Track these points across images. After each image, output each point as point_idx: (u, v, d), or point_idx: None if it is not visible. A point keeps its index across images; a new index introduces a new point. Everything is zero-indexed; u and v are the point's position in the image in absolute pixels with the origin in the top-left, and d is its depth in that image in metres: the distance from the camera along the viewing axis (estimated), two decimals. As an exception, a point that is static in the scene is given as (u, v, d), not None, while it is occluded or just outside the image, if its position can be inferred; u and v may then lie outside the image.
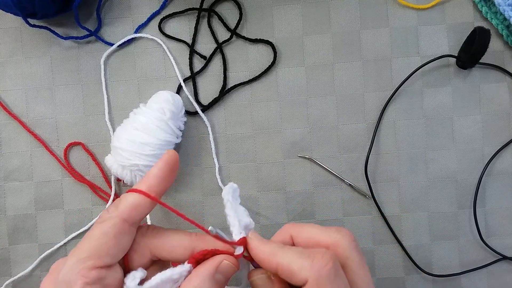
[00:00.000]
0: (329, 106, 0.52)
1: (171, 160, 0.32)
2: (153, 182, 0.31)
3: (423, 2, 0.51)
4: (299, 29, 0.52)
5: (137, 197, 0.30)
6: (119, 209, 0.30)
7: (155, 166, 0.32)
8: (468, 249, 0.51)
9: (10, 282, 0.51)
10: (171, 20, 0.52)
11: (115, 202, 0.31)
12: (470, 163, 0.51)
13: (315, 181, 0.52)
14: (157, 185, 0.31)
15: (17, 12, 0.46)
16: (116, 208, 0.30)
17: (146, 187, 0.31)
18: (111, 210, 0.30)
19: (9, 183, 0.52)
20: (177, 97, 0.48)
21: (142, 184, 0.31)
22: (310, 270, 0.27)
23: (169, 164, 0.32)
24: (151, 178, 0.31)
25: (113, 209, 0.30)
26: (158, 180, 0.31)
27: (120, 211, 0.30)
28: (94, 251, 0.28)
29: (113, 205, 0.30)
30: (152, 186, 0.31)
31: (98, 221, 0.30)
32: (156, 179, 0.31)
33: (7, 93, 0.52)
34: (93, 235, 0.29)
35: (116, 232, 0.29)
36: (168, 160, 0.32)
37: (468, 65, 0.50)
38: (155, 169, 0.31)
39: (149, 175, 0.31)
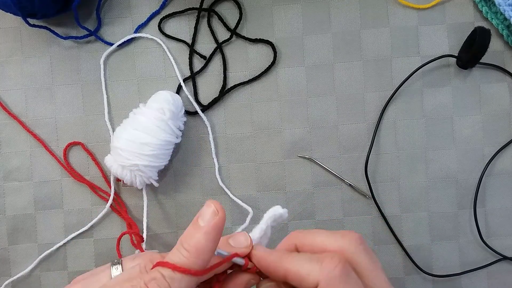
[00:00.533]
0: (329, 106, 0.52)
1: (221, 225, 0.28)
2: (203, 258, 0.27)
3: (424, 2, 0.51)
4: (299, 29, 0.52)
5: (190, 280, 0.27)
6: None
7: (205, 237, 0.27)
8: (468, 249, 0.51)
9: (9, 282, 0.51)
10: (171, 20, 0.52)
11: (157, 279, 0.26)
12: (470, 163, 0.51)
13: (315, 181, 0.52)
14: (207, 260, 0.27)
15: (16, 12, 0.46)
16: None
17: (198, 267, 0.27)
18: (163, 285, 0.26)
19: (9, 183, 0.52)
20: (177, 97, 0.48)
21: (191, 260, 0.27)
22: (320, 273, 0.26)
23: (218, 230, 0.27)
24: (200, 254, 0.27)
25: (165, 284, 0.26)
26: (209, 255, 0.27)
27: None
28: None
29: (159, 283, 0.26)
30: (201, 261, 0.27)
31: None
32: (207, 254, 0.27)
33: (7, 93, 0.52)
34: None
35: None
36: (218, 226, 0.27)
37: (468, 65, 0.50)
38: (205, 242, 0.27)
39: (198, 249, 0.27)
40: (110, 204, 0.50)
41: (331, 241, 0.29)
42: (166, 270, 0.27)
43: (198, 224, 0.27)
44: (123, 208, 0.51)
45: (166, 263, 0.27)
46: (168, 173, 0.51)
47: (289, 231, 0.51)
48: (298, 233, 0.31)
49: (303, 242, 0.30)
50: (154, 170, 0.47)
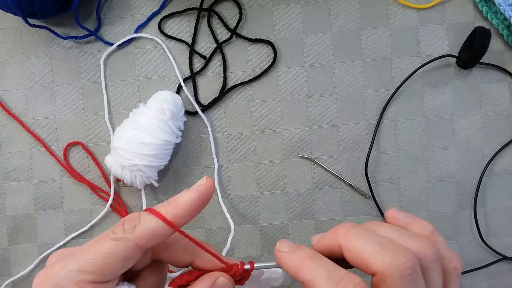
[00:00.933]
0: (329, 106, 0.52)
1: (206, 193, 0.29)
2: (180, 213, 0.28)
3: (424, 2, 0.51)
4: (299, 29, 0.52)
5: (159, 224, 0.28)
6: (136, 232, 0.28)
7: (188, 194, 0.29)
8: (468, 249, 0.51)
9: (9, 282, 0.51)
10: (171, 20, 0.52)
11: (133, 219, 0.28)
12: (470, 163, 0.51)
13: (315, 181, 0.52)
14: (182, 217, 0.28)
15: (17, 12, 0.46)
16: (133, 229, 0.28)
17: (172, 216, 0.28)
18: (127, 229, 0.28)
19: (9, 183, 0.52)
20: (177, 97, 0.48)
21: (168, 210, 0.28)
22: (390, 264, 0.25)
23: (203, 196, 0.29)
24: (179, 208, 0.28)
25: (129, 229, 0.28)
26: (187, 212, 0.28)
27: (137, 236, 0.28)
28: (97, 267, 0.27)
29: (129, 221, 0.28)
30: (178, 216, 0.28)
31: (110, 236, 0.28)
32: (184, 211, 0.28)
33: (7, 93, 0.52)
34: (101, 250, 0.27)
35: (126, 256, 0.28)
36: (203, 192, 0.29)
37: (468, 65, 0.50)
38: (187, 200, 0.29)
39: (178, 203, 0.29)
40: (110, 204, 0.50)
41: (377, 258, 0.26)
42: (144, 213, 0.29)
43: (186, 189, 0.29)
44: (123, 208, 0.51)
45: (147, 209, 0.29)
46: (168, 173, 0.51)
47: (289, 231, 0.51)
48: (345, 231, 0.28)
49: (347, 247, 0.28)
50: (154, 170, 0.47)
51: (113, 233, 0.28)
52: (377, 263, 0.26)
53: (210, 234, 0.51)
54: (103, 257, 0.27)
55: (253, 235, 0.51)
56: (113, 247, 0.27)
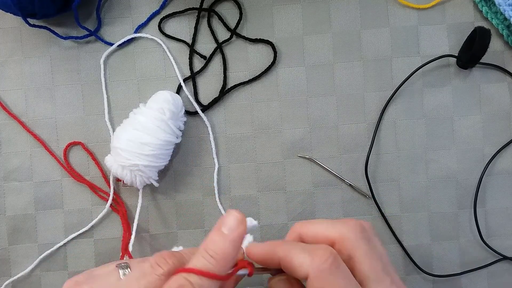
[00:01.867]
0: (329, 106, 0.52)
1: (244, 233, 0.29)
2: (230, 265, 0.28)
3: (424, 2, 0.51)
4: (299, 29, 0.52)
5: None
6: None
7: (232, 247, 0.28)
8: (468, 249, 0.51)
9: (9, 282, 0.51)
10: (171, 20, 0.52)
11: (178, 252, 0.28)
12: (470, 163, 0.51)
13: (315, 181, 0.52)
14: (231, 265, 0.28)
15: (16, 12, 0.46)
16: (183, 264, 0.27)
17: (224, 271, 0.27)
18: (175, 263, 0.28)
19: (9, 183, 0.52)
20: (177, 97, 0.48)
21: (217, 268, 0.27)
22: (311, 265, 0.28)
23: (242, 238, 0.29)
24: (229, 263, 0.28)
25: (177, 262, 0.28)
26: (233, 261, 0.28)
27: None
28: None
29: (176, 255, 0.28)
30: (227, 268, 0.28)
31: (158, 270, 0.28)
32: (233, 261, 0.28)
33: (7, 93, 0.52)
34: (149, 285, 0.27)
35: None
36: (242, 235, 0.29)
37: (468, 65, 0.50)
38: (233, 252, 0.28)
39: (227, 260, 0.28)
40: (110, 204, 0.50)
41: (331, 230, 0.30)
42: (193, 276, 0.26)
43: (222, 232, 0.28)
44: (123, 208, 0.51)
45: (192, 269, 0.27)
46: (168, 173, 0.51)
47: (289, 231, 0.51)
48: (301, 223, 0.32)
49: (306, 232, 0.32)
50: (154, 170, 0.47)
51: (159, 266, 0.28)
52: (332, 233, 0.30)
53: (210, 234, 0.51)
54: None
55: (253, 235, 0.51)
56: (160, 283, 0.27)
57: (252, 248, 0.31)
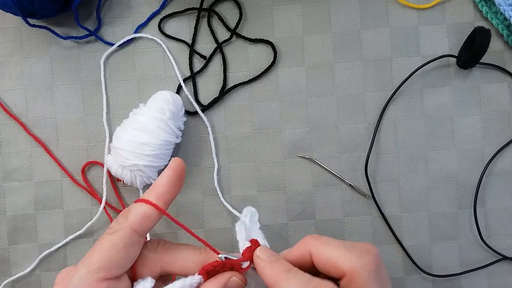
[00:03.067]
0: (329, 106, 0.52)
1: (178, 168, 0.32)
2: (161, 191, 0.31)
3: (424, 2, 0.51)
4: (299, 29, 0.52)
5: (146, 207, 0.30)
6: (128, 219, 0.30)
7: (163, 175, 0.31)
8: (468, 249, 0.51)
9: (8, 282, 0.51)
10: (171, 20, 0.52)
11: (123, 212, 0.30)
12: (470, 163, 0.51)
13: (315, 181, 0.52)
14: (165, 194, 0.31)
15: (16, 12, 0.46)
16: (126, 219, 0.30)
17: (155, 196, 0.31)
18: (120, 221, 0.30)
19: (9, 183, 0.52)
20: (177, 97, 0.48)
21: (151, 193, 0.31)
22: (357, 263, 0.28)
23: (176, 171, 0.32)
24: (159, 187, 0.31)
25: (122, 219, 0.30)
26: (167, 189, 0.31)
27: (130, 222, 0.30)
28: (104, 263, 0.28)
29: (122, 216, 0.30)
30: (160, 195, 0.31)
31: (107, 232, 0.30)
32: (165, 188, 0.31)
33: (7, 93, 0.52)
34: (103, 246, 0.29)
35: (126, 243, 0.29)
36: (175, 168, 0.32)
37: (468, 65, 0.50)
38: (163, 178, 0.31)
39: (157, 184, 0.31)
40: (104, 207, 0.50)
41: (345, 260, 0.29)
42: (133, 203, 0.31)
43: None
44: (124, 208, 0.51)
45: (136, 200, 0.31)
46: (168, 173, 0.51)
47: (289, 231, 0.51)
48: (313, 240, 0.31)
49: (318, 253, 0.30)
50: (154, 170, 0.47)
51: (110, 228, 0.30)
52: (345, 264, 0.28)
53: (210, 234, 0.51)
54: (106, 251, 0.29)
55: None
56: (112, 239, 0.29)
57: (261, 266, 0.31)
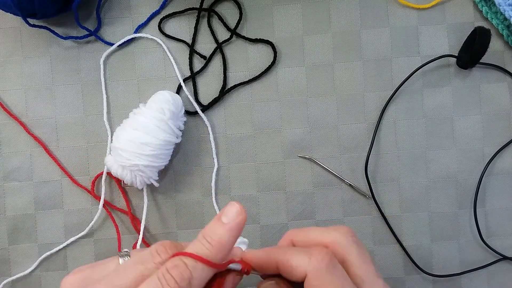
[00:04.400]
0: (329, 106, 0.52)
1: (243, 225, 0.29)
2: (224, 255, 0.28)
3: (424, 2, 0.51)
4: (299, 29, 0.52)
5: (210, 272, 0.27)
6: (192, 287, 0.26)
7: (229, 234, 0.28)
8: (468, 249, 0.51)
9: (8, 282, 0.51)
10: (171, 20, 0.52)
11: (183, 272, 0.26)
12: (470, 163, 0.51)
13: (315, 181, 0.52)
14: (226, 256, 0.28)
15: (16, 12, 0.46)
16: (189, 285, 0.26)
17: (218, 260, 0.28)
18: (183, 286, 0.26)
19: (9, 183, 0.52)
20: (177, 97, 0.48)
21: (213, 253, 0.27)
22: (309, 265, 0.28)
23: (241, 229, 0.29)
24: (224, 250, 0.28)
25: (185, 286, 0.26)
26: (228, 252, 0.29)
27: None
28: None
29: (182, 277, 0.26)
30: (221, 258, 0.28)
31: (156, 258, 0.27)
32: (228, 251, 0.28)
33: (7, 93, 0.52)
34: (144, 272, 0.27)
35: None
36: (241, 225, 0.29)
37: (468, 65, 0.50)
38: (229, 240, 0.28)
39: (222, 245, 0.28)
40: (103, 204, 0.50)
41: (324, 235, 0.31)
42: (188, 259, 0.27)
43: (222, 221, 0.29)
44: (128, 208, 0.51)
45: (189, 253, 0.27)
46: (168, 173, 0.51)
47: (289, 231, 0.51)
48: (293, 231, 0.33)
49: (298, 239, 0.32)
50: (155, 170, 0.47)
51: (158, 255, 0.27)
52: (301, 267, 0.29)
53: (210, 234, 0.51)
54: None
55: (253, 235, 0.51)
56: None
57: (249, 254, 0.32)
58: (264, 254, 0.31)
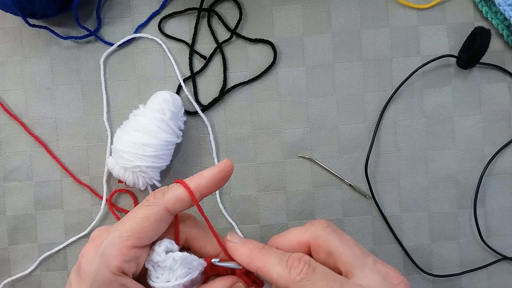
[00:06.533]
0: (329, 106, 0.52)
1: (226, 169, 0.33)
2: (203, 183, 0.32)
3: (424, 2, 0.51)
4: (299, 29, 0.52)
5: (183, 191, 0.32)
6: (165, 198, 0.32)
7: (211, 169, 0.33)
8: (468, 249, 0.51)
9: (8, 282, 0.51)
10: (171, 20, 0.52)
11: (162, 189, 0.32)
12: (470, 163, 0.51)
13: (315, 181, 0.52)
14: (205, 187, 0.32)
15: (17, 12, 0.46)
16: (162, 196, 0.32)
17: (195, 185, 0.32)
18: (157, 196, 0.32)
19: (9, 183, 0.52)
20: (176, 97, 0.48)
21: (193, 181, 0.32)
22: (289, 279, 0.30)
23: (223, 172, 0.33)
24: (202, 179, 0.32)
25: (159, 195, 0.32)
26: (208, 184, 0.33)
27: (166, 200, 0.32)
28: (135, 232, 0.30)
29: (159, 192, 0.32)
30: (200, 186, 0.32)
31: (143, 203, 0.32)
32: (207, 182, 0.33)
33: (7, 93, 0.52)
34: (136, 216, 0.31)
35: (158, 218, 0.31)
36: (224, 168, 0.33)
37: (468, 65, 0.50)
38: (210, 172, 0.33)
39: (202, 175, 0.33)
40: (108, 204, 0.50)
41: (302, 234, 0.32)
42: (172, 184, 0.33)
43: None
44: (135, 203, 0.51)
45: (176, 180, 0.33)
46: (169, 173, 0.51)
47: (289, 231, 0.51)
48: (275, 237, 0.34)
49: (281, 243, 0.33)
50: (156, 170, 0.47)
51: (146, 200, 0.32)
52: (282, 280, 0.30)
53: (210, 234, 0.51)
54: (138, 221, 0.31)
55: (253, 235, 0.51)
56: (146, 212, 0.31)
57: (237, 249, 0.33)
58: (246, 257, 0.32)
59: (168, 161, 0.48)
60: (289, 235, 0.33)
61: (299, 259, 0.30)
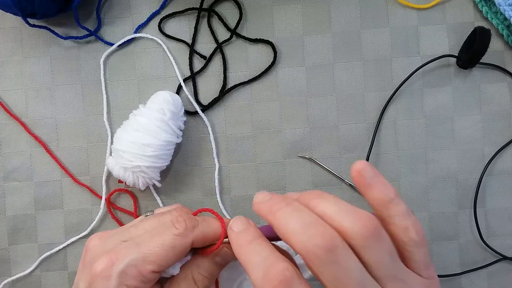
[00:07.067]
0: (329, 106, 0.52)
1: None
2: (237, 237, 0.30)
3: (424, 2, 0.51)
4: (299, 29, 0.52)
5: (217, 230, 0.32)
6: (195, 232, 0.31)
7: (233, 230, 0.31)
8: (468, 249, 0.51)
9: (8, 282, 0.51)
10: (171, 20, 0.52)
11: (194, 220, 0.32)
12: (470, 163, 0.51)
13: (315, 181, 0.52)
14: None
15: (16, 12, 0.46)
16: (193, 229, 0.31)
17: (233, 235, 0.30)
18: (189, 228, 0.31)
19: (9, 183, 0.52)
20: (176, 97, 0.48)
21: (234, 227, 0.30)
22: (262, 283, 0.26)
23: None
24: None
25: (190, 227, 0.32)
26: None
27: (196, 236, 0.31)
28: (159, 259, 0.30)
29: (193, 220, 0.32)
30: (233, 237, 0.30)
31: (174, 231, 0.31)
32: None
33: (7, 93, 0.52)
34: (164, 243, 0.31)
35: (183, 251, 0.31)
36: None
37: (468, 65, 0.50)
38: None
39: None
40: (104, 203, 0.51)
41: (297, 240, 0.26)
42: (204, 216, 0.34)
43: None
44: (135, 209, 0.51)
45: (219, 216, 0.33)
46: (169, 173, 0.51)
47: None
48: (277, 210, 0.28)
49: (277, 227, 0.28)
50: (157, 170, 0.47)
51: (176, 228, 0.31)
52: (297, 244, 0.26)
53: (210, 234, 0.51)
54: (165, 249, 0.30)
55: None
56: (175, 242, 0.31)
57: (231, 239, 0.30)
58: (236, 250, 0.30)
59: (168, 161, 0.48)
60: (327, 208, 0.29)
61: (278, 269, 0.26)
